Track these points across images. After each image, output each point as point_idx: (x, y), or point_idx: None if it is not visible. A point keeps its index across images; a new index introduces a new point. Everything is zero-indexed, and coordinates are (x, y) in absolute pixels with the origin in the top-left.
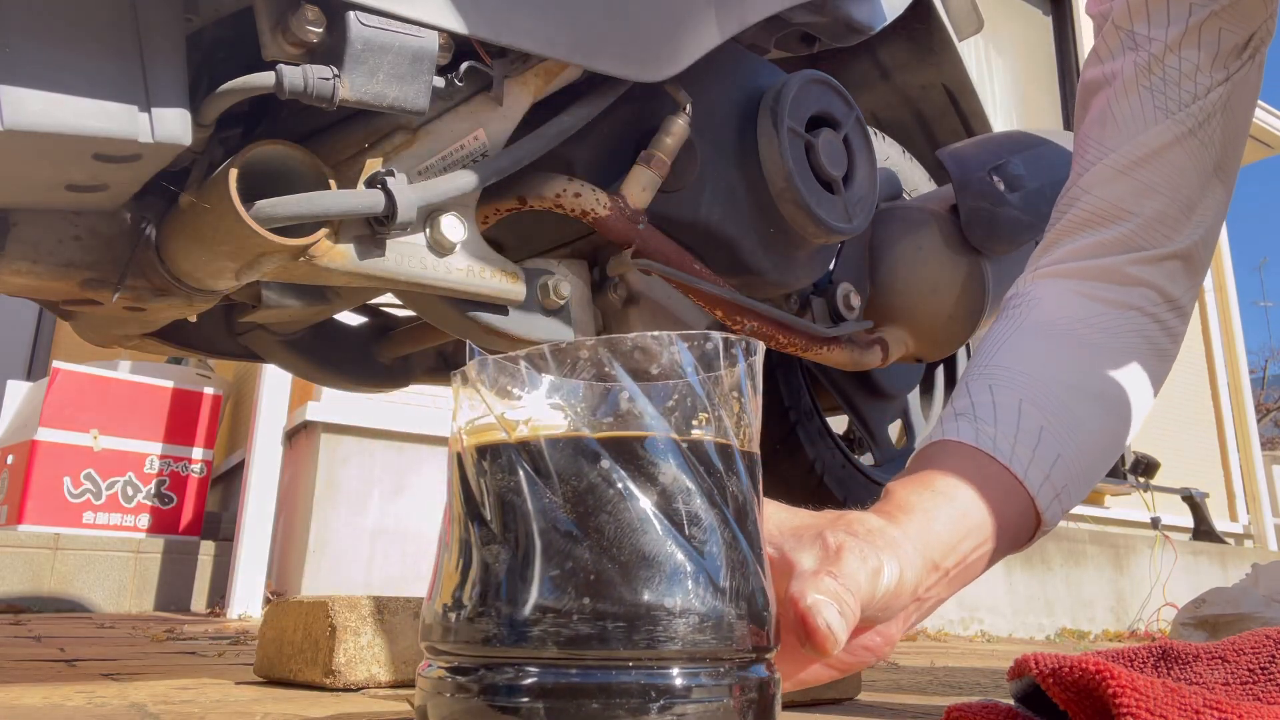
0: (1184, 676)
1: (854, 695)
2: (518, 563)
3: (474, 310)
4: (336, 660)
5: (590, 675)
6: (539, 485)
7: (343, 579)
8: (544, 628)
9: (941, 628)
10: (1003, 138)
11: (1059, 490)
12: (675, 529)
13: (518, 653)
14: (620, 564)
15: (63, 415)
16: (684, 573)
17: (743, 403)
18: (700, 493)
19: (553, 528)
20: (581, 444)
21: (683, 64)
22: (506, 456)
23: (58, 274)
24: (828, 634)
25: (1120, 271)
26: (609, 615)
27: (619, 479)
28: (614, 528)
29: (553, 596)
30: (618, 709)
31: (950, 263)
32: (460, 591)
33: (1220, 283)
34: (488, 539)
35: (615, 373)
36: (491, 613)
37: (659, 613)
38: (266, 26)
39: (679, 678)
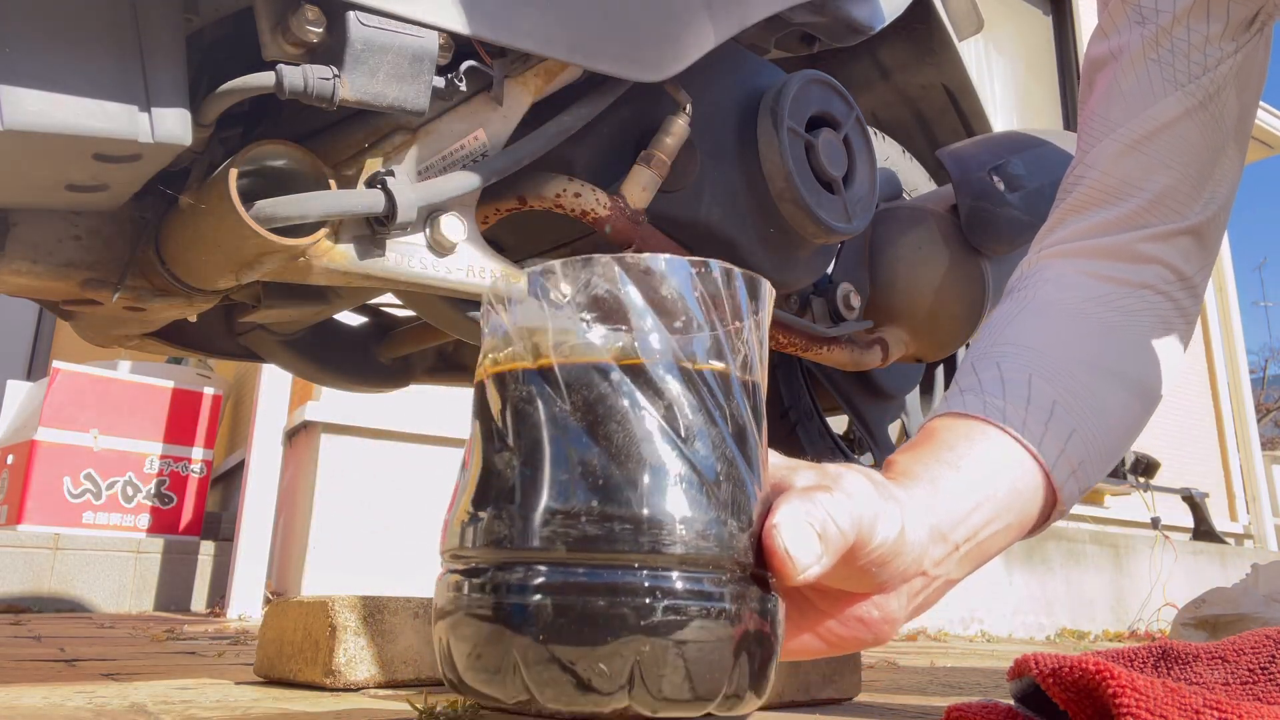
0: (1184, 676)
1: (854, 695)
2: (530, 470)
3: (474, 310)
4: (336, 660)
5: (597, 575)
6: (550, 397)
7: (343, 579)
8: (553, 529)
9: (941, 628)
10: (1003, 138)
11: (1075, 466)
12: (679, 442)
13: (528, 553)
14: (627, 471)
15: (63, 415)
16: (687, 483)
17: (743, 331)
18: (702, 412)
19: (563, 436)
20: (591, 361)
21: (683, 64)
22: (521, 373)
23: (58, 274)
24: (785, 558)
25: (1130, 249)
26: (616, 518)
27: (626, 394)
28: (622, 437)
29: (562, 500)
30: (622, 607)
31: (950, 263)
32: (475, 500)
33: (1220, 283)
34: (501, 449)
35: (625, 291)
36: (504, 516)
37: (663, 517)
38: (266, 26)
39: (681, 581)
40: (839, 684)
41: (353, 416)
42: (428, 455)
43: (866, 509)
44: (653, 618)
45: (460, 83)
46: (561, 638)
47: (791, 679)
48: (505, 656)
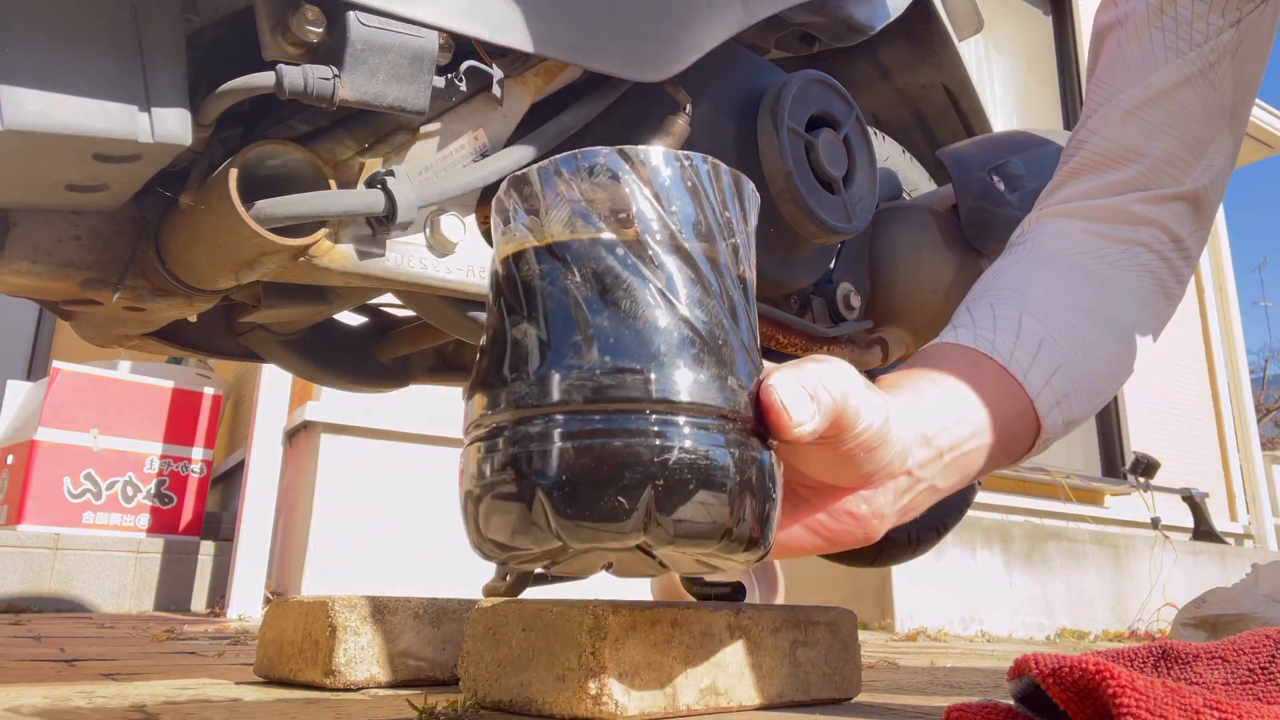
0: (1184, 676)
1: (854, 695)
2: (545, 335)
3: (474, 310)
4: (336, 660)
5: (612, 420)
6: (561, 272)
7: (343, 579)
8: (570, 383)
9: (941, 628)
10: (1003, 138)
11: (1060, 398)
12: (681, 308)
13: (548, 407)
14: (636, 331)
15: (63, 415)
16: (691, 342)
17: (732, 223)
18: (699, 285)
19: (575, 305)
20: (596, 239)
21: (683, 64)
22: (534, 251)
23: (58, 274)
24: (780, 410)
25: (1126, 210)
26: (628, 370)
27: (630, 266)
28: (629, 304)
29: (577, 357)
30: (637, 447)
31: (950, 263)
32: (494, 371)
33: (1220, 283)
34: (518, 323)
35: (626, 178)
36: (524, 378)
37: (671, 370)
38: (266, 26)
39: (688, 426)
40: (839, 684)
41: (353, 416)
42: (428, 455)
43: (854, 386)
44: (665, 457)
45: (460, 83)
46: (583, 478)
47: (791, 679)
48: (532, 503)
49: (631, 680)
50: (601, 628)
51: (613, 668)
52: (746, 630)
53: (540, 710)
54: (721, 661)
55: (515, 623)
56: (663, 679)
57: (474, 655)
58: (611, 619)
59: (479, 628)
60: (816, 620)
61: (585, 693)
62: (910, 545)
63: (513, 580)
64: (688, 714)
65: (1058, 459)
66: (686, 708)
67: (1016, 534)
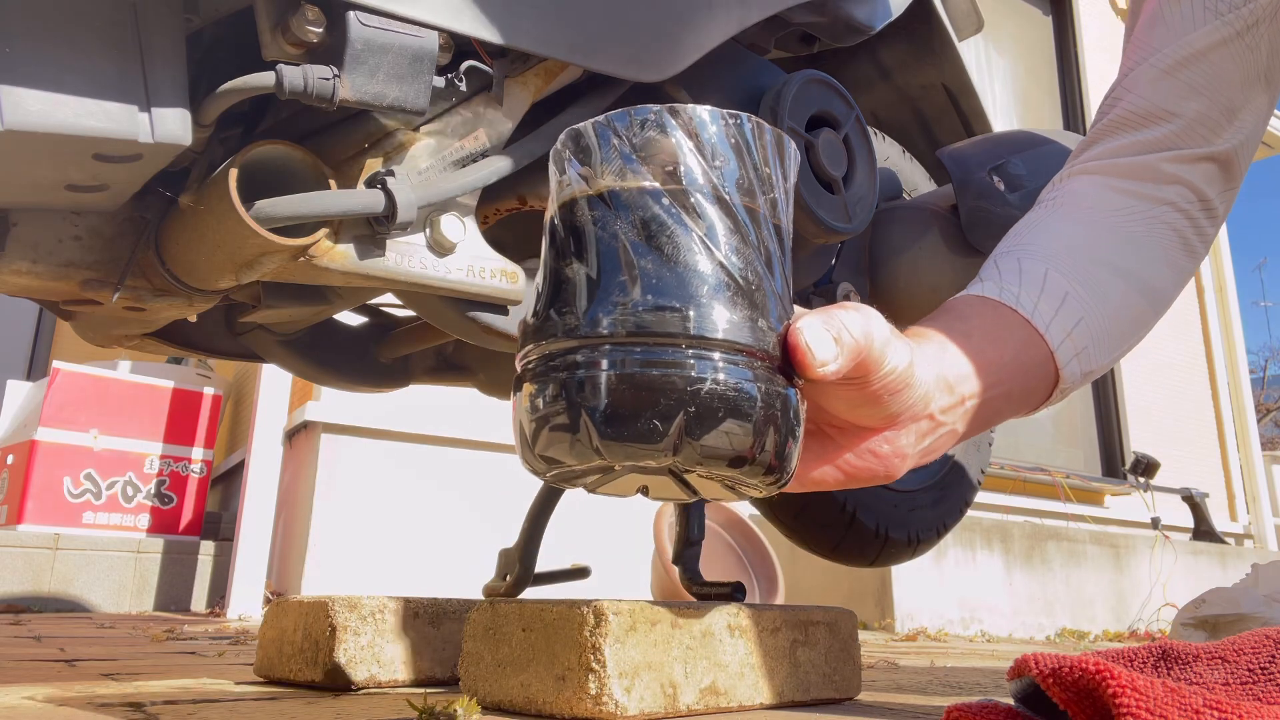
0: (1184, 676)
1: (854, 695)
2: (593, 274)
3: (474, 310)
4: (336, 660)
5: (651, 352)
6: (610, 218)
7: (343, 579)
8: (614, 317)
9: (941, 628)
10: (1003, 138)
11: (1079, 350)
12: (718, 253)
13: (594, 339)
14: (675, 273)
15: (63, 415)
16: (725, 285)
17: (772, 178)
18: (736, 234)
19: (621, 248)
20: (644, 189)
21: (683, 64)
22: (585, 199)
23: (58, 274)
24: (805, 351)
25: (1156, 169)
26: (667, 308)
27: (673, 214)
28: (670, 248)
29: (621, 295)
30: (673, 377)
31: (950, 262)
32: (545, 306)
33: (1220, 283)
34: (569, 263)
35: (672, 134)
36: (573, 312)
37: (706, 308)
38: (266, 26)
39: (720, 360)
40: (839, 684)
41: (353, 416)
42: (428, 455)
43: (879, 330)
44: (697, 386)
45: (460, 83)
46: (623, 402)
47: (791, 679)
48: (577, 423)
49: (631, 680)
50: (601, 628)
51: (613, 668)
52: (746, 630)
53: (540, 710)
54: (721, 661)
55: (515, 623)
56: (663, 679)
57: (474, 655)
58: (611, 619)
59: (479, 628)
60: (816, 620)
61: (585, 693)
62: (910, 545)
63: (513, 580)
64: (688, 714)
65: (1058, 459)
66: (686, 708)
67: (1016, 534)
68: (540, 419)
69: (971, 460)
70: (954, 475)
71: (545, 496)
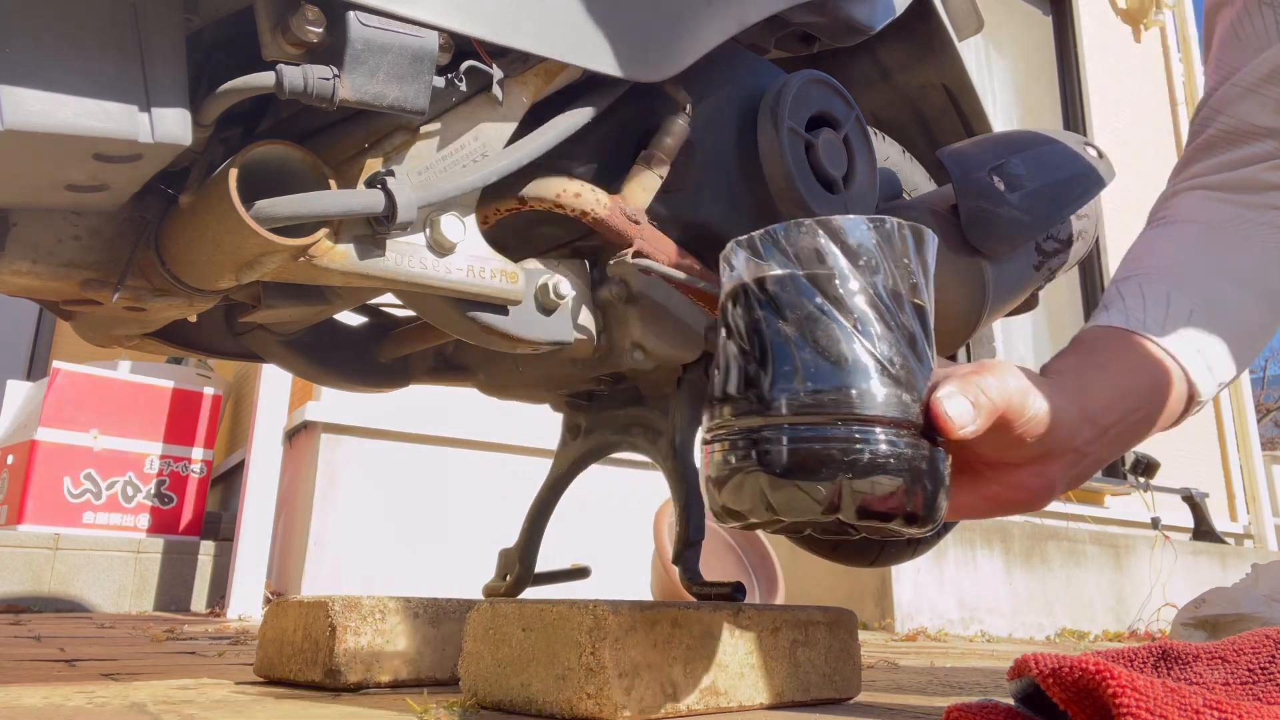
0: (1184, 676)
1: (854, 695)
2: (764, 364)
3: (474, 310)
4: (336, 660)
5: (814, 429)
6: (773, 315)
7: (343, 579)
8: (782, 401)
9: (941, 628)
10: (1003, 138)
11: (1210, 364)
12: (868, 340)
13: (768, 419)
14: (832, 360)
15: (63, 415)
16: (874, 369)
17: (910, 266)
18: (881, 322)
19: (787, 338)
20: (800, 283)
21: (683, 64)
22: (753, 299)
23: (58, 274)
24: (945, 419)
25: (1256, 179)
26: (825, 391)
27: (827, 310)
28: (826, 338)
29: (787, 383)
30: (832, 450)
31: (950, 263)
32: (726, 388)
33: None
34: (743, 350)
35: (822, 241)
36: (750, 397)
37: (858, 390)
38: (266, 26)
39: (872, 432)
40: (839, 684)
41: (353, 416)
42: (428, 455)
43: (1016, 386)
44: (853, 457)
45: (460, 83)
46: (791, 470)
47: (791, 679)
48: (755, 486)
49: (631, 680)
50: (601, 628)
51: (613, 668)
52: (746, 630)
53: (540, 710)
54: (721, 661)
55: (515, 623)
56: (663, 679)
57: (474, 655)
58: (611, 619)
59: (479, 628)
60: (816, 620)
61: (585, 693)
62: (910, 545)
63: (513, 580)
64: (688, 714)
65: None
66: (686, 708)
67: (1016, 534)
68: (724, 478)
69: None
70: None
71: (545, 497)
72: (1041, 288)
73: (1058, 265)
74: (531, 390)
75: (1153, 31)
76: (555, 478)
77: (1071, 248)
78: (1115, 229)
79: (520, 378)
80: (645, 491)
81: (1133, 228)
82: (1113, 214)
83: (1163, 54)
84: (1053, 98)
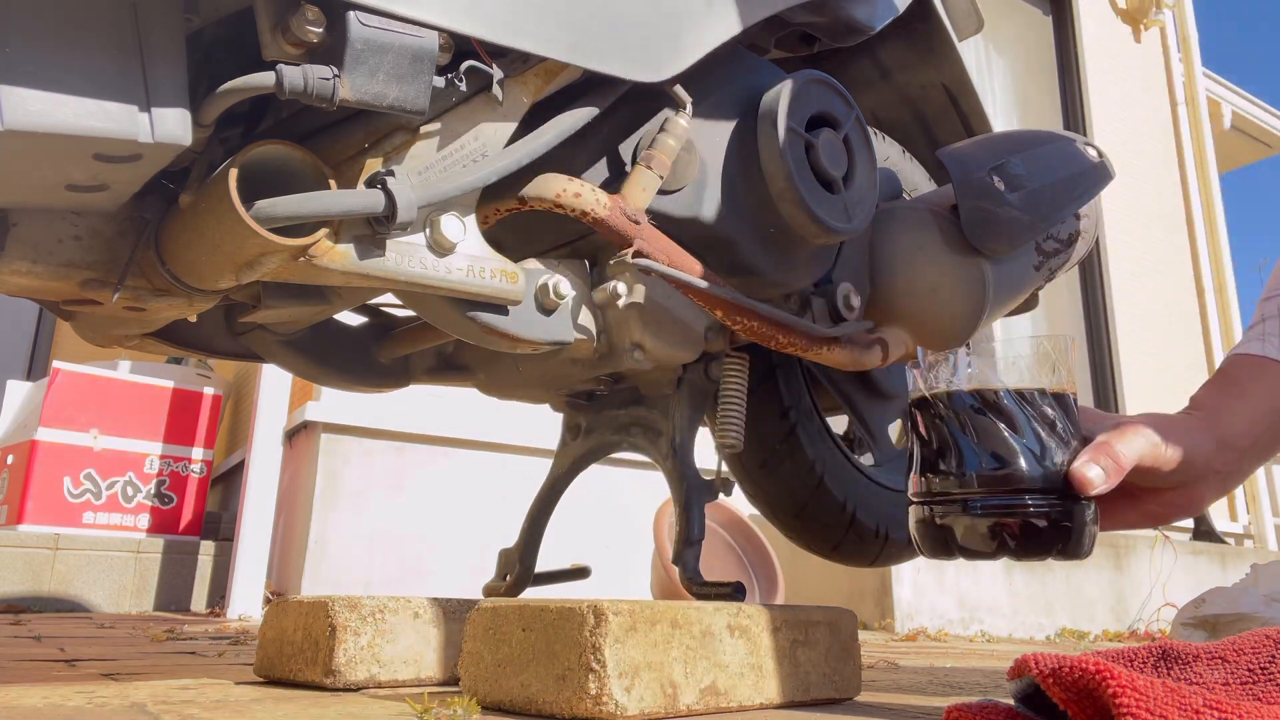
0: (1184, 676)
1: (854, 695)
2: (945, 452)
3: (473, 310)
4: (336, 660)
5: (987, 498)
6: (950, 418)
7: (343, 579)
8: (959, 480)
9: (941, 628)
10: (1003, 138)
11: None
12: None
13: (956, 492)
14: (991, 453)
15: (63, 415)
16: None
17: (1053, 365)
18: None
19: (958, 434)
20: (965, 395)
21: (683, 64)
22: (933, 401)
23: (58, 274)
24: (1083, 480)
25: None
26: (994, 470)
27: (984, 411)
28: (988, 432)
29: (965, 466)
30: (996, 513)
31: (950, 263)
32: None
33: (1220, 283)
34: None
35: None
36: (939, 476)
37: (1015, 468)
38: (266, 26)
39: (1028, 497)
40: (839, 684)
41: (353, 416)
42: (428, 455)
43: (1144, 444)
44: (1015, 518)
45: (460, 83)
46: (974, 528)
47: (791, 679)
48: (950, 536)
49: (631, 680)
50: (601, 627)
51: (613, 668)
52: (746, 630)
53: (540, 710)
54: (721, 661)
55: (515, 623)
56: (663, 679)
57: (474, 655)
58: (611, 619)
59: (479, 628)
60: (816, 620)
61: (585, 693)
62: (910, 545)
63: (513, 580)
64: (688, 714)
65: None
66: (686, 708)
67: None
68: (925, 532)
69: None
70: None
71: (545, 497)
72: (1041, 288)
73: (1058, 265)
74: (531, 390)
75: (1153, 31)
76: (555, 477)
77: (1072, 248)
78: (1115, 229)
79: (520, 378)
80: (645, 491)
81: (1133, 228)
82: (1113, 214)
83: (1163, 54)
84: (1053, 98)
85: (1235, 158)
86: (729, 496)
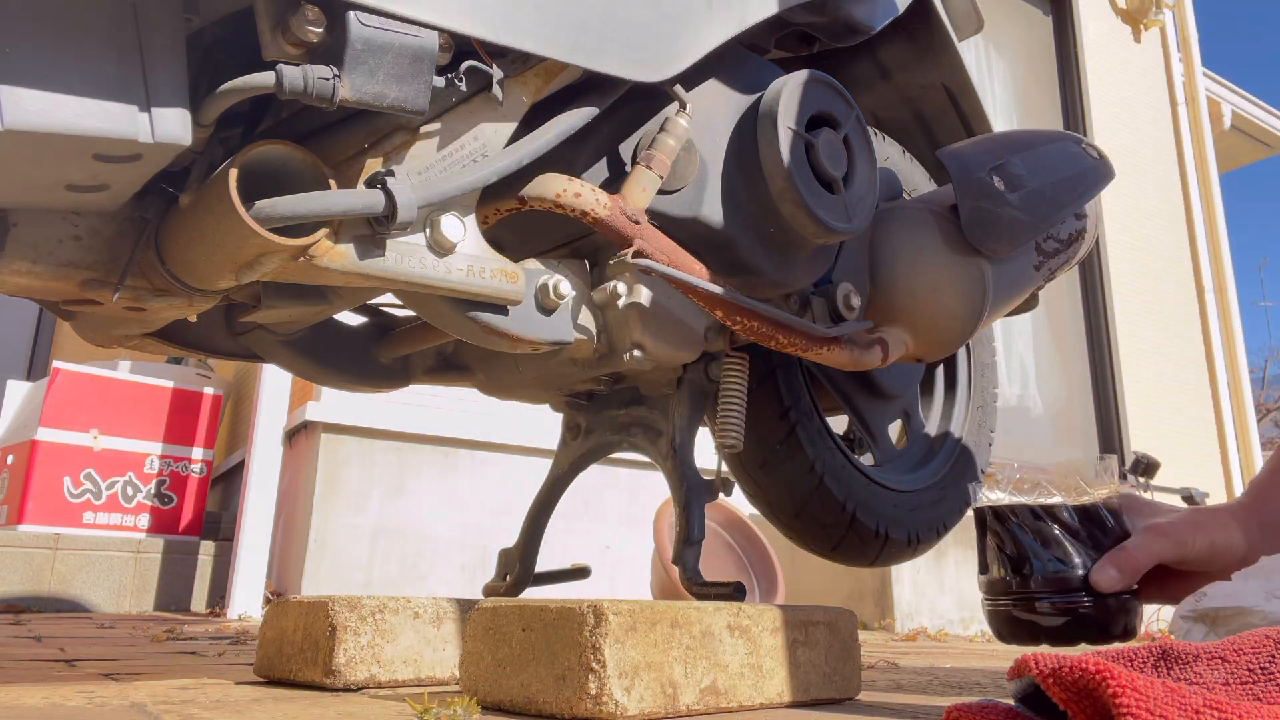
0: (1184, 676)
1: (854, 695)
2: (1015, 560)
3: (474, 310)
4: (336, 660)
5: (1041, 597)
6: (1017, 527)
7: (343, 579)
8: (1023, 580)
9: (941, 628)
10: (1003, 138)
11: None
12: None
13: (1017, 592)
14: (1046, 559)
15: (63, 415)
16: (1059, 558)
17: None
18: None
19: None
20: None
21: (683, 64)
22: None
23: (58, 274)
24: (1097, 585)
25: None
26: (1047, 571)
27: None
28: (1033, 545)
29: (1024, 570)
30: (1048, 608)
31: (950, 263)
32: (996, 568)
33: (1220, 283)
34: (995, 546)
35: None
36: (1005, 578)
37: (1050, 574)
38: (266, 26)
39: (1069, 594)
40: (839, 684)
41: (353, 416)
42: (427, 455)
43: (1163, 547)
44: (1061, 613)
45: (460, 83)
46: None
47: (791, 679)
48: (1017, 625)
49: (631, 680)
50: (601, 628)
51: (613, 668)
52: (746, 630)
53: (540, 710)
54: (721, 661)
55: (515, 623)
56: (663, 679)
57: (474, 655)
58: (611, 619)
59: (479, 628)
60: (816, 620)
61: (585, 693)
62: (910, 545)
63: (513, 580)
64: (688, 714)
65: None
66: (686, 708)
67: None
68: (999, 622)
69: (971, 460)
70: (954, 475)
71: (545, 497)
72: (1041, 288)
73: (1058, 265)
74: (531, 390)
75: (1153, 31)
76: (555, 477)
77: (1072, 248)
78: (1115, 229)
79: (520, 378)
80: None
81: (1133, 228)
82: (1113, 214)
83: (1163, 54)
84: (1053, 98)
85: (1235, 158)
86: (729, 496)
